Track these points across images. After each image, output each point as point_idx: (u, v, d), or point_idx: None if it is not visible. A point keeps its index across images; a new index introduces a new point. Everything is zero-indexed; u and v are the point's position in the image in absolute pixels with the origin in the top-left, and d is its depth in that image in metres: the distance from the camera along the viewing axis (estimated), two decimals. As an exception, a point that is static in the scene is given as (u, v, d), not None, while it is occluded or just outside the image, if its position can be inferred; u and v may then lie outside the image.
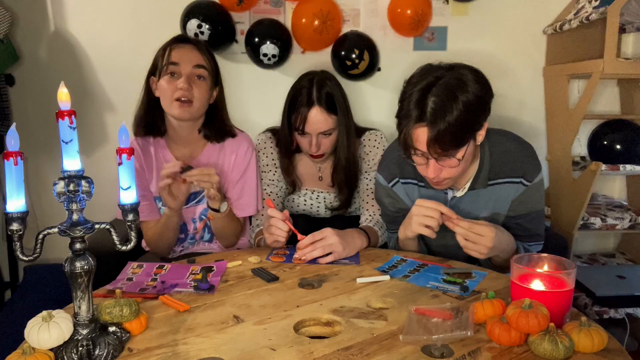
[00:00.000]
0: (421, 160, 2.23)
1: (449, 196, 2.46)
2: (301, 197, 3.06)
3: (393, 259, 2.33)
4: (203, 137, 2.79)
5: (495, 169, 2.39)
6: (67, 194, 1.39)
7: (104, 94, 3.73)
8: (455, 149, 2.13)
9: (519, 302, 1.54)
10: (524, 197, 2.40)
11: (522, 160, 2.38)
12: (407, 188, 2.54)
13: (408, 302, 1.84)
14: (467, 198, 2.44)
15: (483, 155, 2.38)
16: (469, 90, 2.08)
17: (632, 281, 3.32)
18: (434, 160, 2.17)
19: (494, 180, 2.40)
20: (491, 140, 2.40)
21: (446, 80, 2.10)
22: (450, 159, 2.16)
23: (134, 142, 2.76)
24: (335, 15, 3.51)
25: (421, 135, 2.11)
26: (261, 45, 3.47)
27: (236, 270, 2.20)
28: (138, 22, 3.67)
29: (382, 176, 2.60)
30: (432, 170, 2.21)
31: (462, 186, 2.44)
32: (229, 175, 2.81)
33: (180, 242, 2.83)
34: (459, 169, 2.22)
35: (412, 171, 2.47)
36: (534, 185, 2.38)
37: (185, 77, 2.55)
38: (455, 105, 2.05)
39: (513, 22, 3.76)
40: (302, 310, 1.79)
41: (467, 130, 2.13)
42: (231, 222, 2.76)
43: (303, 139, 2.82)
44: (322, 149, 2.82)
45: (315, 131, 2.76)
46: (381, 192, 2.63)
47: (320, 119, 2.74)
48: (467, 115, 2.07)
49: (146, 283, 2.02)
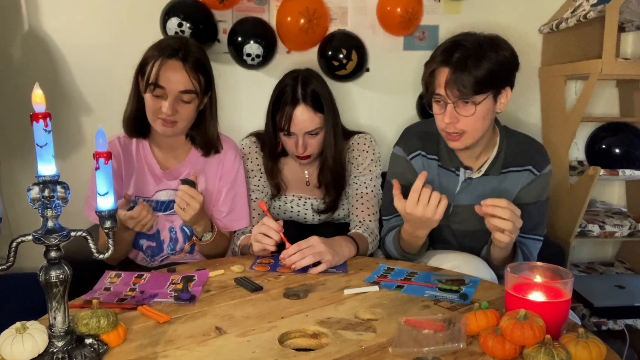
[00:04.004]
0: (439, 107, 2.36)
1: (460, 179, 2.54)
2: (288, 204, 3.05)
3: (380, 269, 2.32)
4: (190, 140, 2.78)
5: (509, 158, 2.52)
6: (41, 200, 1.39)
7: (80, 95, 3.72)
8: (471, 93, 2.26)
9: (513, 313, 1.53)
10: (532, 185, 2.51)
11: (534, 152, 2.54)
12: (428, 163, 2.61)
13: (398, 312, 1.84)
14: (477, 183, 2.54)
15: (502, 142, 2.52)
16: (498, 50, 2.29)
17: (631, 291, 3.33)
18: (451, 106, 2.30)
19: (506, 168, 2.52)
20: (508, 132, 2.57)
21: (479, 37, 2.32)
22: (466, 105, 2.28)
23: (115, 141, 2.74)
24: (322, 14, 3.52)
25: (442, 78, 2.29)
26: (244, 44, 3.47)
27: (218, 279, 2.20)
28: (116, 20, 3.66)
29: (402, 148, 2.67)
30: (448, 116, 2.32)
31: (477, 168, 2.54)
32: (216, 185, 2.79)
33: (158, 252, 2.81)
34: (476, 123, 2.33)
35: (434, 148, 2.59)
36: (543, 175, 2.51)
37: (170, 104, 2.51)
38: (482, 55, 2.26)
39: (507, 20, 3.76)
40: (287, 321, 1.79)
41: (487, 80, 2.27)
42: (220, 243, 2.76)
43: (289, 140, 2.82)
44: (309, 150, 2.82)
45: (301, 131, 2.76)
46: (396, 164, 2.70)
47: (306, 118, 2.74)
48: (491, 66, 2.25)
49: (124, 293, 2.02)
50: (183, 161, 2.77)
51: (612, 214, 3.69)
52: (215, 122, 2.77)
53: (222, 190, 2.79)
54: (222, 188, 2.79)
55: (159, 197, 2.74)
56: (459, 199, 2.56)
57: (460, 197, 2.56)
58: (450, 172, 2.57)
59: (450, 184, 2.56)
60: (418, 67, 3.40)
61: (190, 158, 2.78)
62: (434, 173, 2.58)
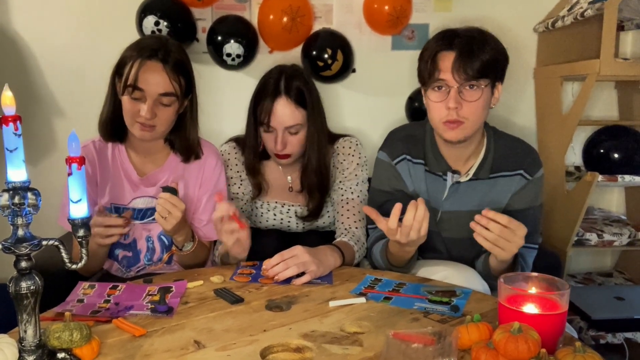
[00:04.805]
0: (440, 95, 2.38)
1: (447, 183, 2.55)
2: (270, 211, 3.04)
3: (367, 279, 2.33)
4: (169, 145, 2.78)
5: (498, 162, 2.54)
6: (11, 207, 1.40)
7: (52, 97, 3.71)
8: (478, 76, 2.31)
9: (507, 326, 1.53)
10: (524, 191, 2.53)
11: (524, 155, 2.56)
12: (414, 168, 2.62)
13: (386, 325, 1.85)
14: (466, 188, 2.55)
15: (489, 143, 2.55)
16: (495, 40, 2.40)
17: (631, 303, 3.34)
18: (455, 90, 2.32)
19: (495, 173, 2.53)
20: (496, 134, 2.59)
21: (474, 27, 2.41)
22: (471, 90, 2.33)
23: (90, 145, 2.73)
24: (306, 12, 3.54)
25: (446, 61, 2.33)
26: (224, 44, 3.48)
27: (197, 290, 2.20)
28: (90, 19, 3.66)
29: (386, 153, 2.68)
30: (453, 100, 2.33)
31: (465, 171, 2.55)
32: (197, 192, 2.79)
33: (134, 263, 2.79)
34: (477, 110, 2.37)
35: (420, 152, 2.61)
36: (536, 179, 2.54)
37: (149, 107, 2.50)
38: (484, 41, 2.36)
39: (501, 18, 3.77)
40: (269, 334, 1.79)
41: (491, 65, 2.35)
42: (200, 253, 2.74)
43: (269, 137, 2.83)
44: (289, 149, 2.82)
45: (280, 125, 2.76)
46: (381, 170, 2.71)
47: (287, 112, 2.75)
48: (493, 52, 2.34)
49: (98, 305, 2.02)
50: (161, 167, 2.76)
51: (611, 222, 3.71)
52: (196, 126, 2.77)
53: (202, 198, 2.79)
54: (203, 195, 2.79)
55: (135, 205, 2.72)
56: (447, 205, 2.57)
57: (448, 203, 2.57)
58: (437, 177, 2.58)
59: (437, 189, 2.57)
60: (407, 68, 3.43)
61: (169, 164, 2.77)
62: (420, 178, 2.60)
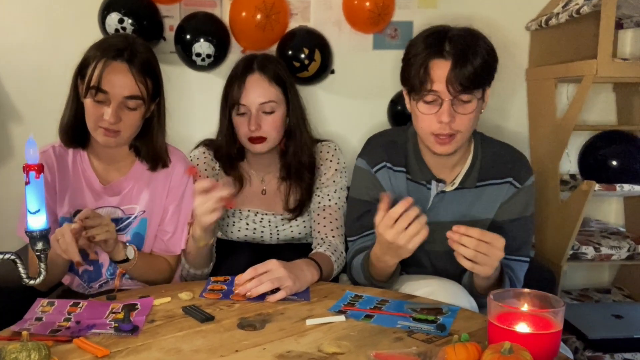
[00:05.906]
0: (431, 107, 2.36)
1: (432, 193, 2.56)
2: (242, 221, 3.04)
3: (346, 296, 2.32)
4: (134, 152, 2.76)
5: (485, 170, 2.54)
6: (-36, 218, 1.40)
7: (8, 100, 3.70)
8: (473, 88, 2.30)
9: (497, 346, 1.53)
10: (514, 200, 2.54)
11: (513, 162, 2.56)
12: (395, 177, 2.62)
13: (367, 345, 1.85)
14: (452, 197, 2.56)
15: (476, 151, 2.55)
16: (484, 39, 2.37)
17: (630, 321, 3.35)
18: (448, 103, 2.31)
19: (483, 181, 2.53)
20: (484, 140, 2.60)
21: (461, 27, 2.38)
22: (465, 103, 2.32)
23: (50, 150, 2.72)
24: (281, 9, 3.55)
25: (440, 71, 2.29)
26: (194, 43, 3.49)
27: (164, 308, 2.19)
28: (50, 16, 3.65)
29: (365, 160, 2.68)
30: (447, 114, 2.31)
31: (451, 180, 2.56)
32: (163, 202, 2.78)
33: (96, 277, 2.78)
34: (470, 122, 2.37)
35: (402, 159, 2.61)
36: (526, 187, 2.54)
37: (113, 111, 2.49)
38: (475, 45, 2.32)
39: (490, 16, 3.78)
40: (241, 355, 1.80)
41: (484, 72, 2.33)
42: (153, 263, 2.74)
43: (241, 121, 2.84)
44: (264, 130, 2.82)
45: (254, 102, 2.78)
46: (360, 179, 2.71)
47: (260, 87, 2.79)
48: (485, 56, 2.32)
49: (58, 323, 2.01)
50: (126, 175, 2.76)
51: (609, 235, 3.72)
52: (164, 132, 2.77)
53: (168, 208, 2.78)
54: (169, 205, 2.78)
55: (98, 215, 2.71)
56: (432, 216, 2.51)
57: (433, 213, 2.55)
58: (421, 186, 2.59)
59: (420, 199, 2.52)
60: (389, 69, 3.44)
61: (134, 172, 2.76)
62: (402, 187, 2.61)
